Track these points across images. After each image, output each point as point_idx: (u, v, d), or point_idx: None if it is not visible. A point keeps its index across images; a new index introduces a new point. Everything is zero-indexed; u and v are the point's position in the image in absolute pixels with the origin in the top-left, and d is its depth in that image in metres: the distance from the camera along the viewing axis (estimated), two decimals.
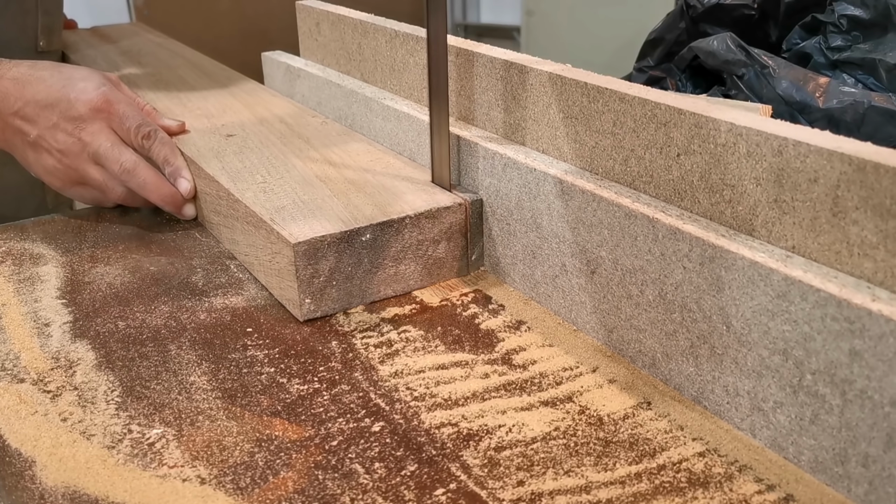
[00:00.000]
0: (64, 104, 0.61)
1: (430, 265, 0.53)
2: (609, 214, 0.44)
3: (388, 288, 0.51)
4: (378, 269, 0.50)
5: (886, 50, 0.81)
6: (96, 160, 0.61)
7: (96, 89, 0.62)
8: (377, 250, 0.50)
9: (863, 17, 0.83)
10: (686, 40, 0.95)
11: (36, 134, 0.61)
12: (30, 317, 0.50)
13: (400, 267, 0.51)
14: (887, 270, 0.33)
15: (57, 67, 0.63)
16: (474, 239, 0.54)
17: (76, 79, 0.62)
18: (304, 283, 0.48)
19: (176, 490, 0.35)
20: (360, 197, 0.53)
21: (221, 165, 0.60)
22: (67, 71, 0.63)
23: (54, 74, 0.62)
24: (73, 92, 0.61)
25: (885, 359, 0.32)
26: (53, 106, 0.61)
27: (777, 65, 0.83)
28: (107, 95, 0.62)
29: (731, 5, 0.92)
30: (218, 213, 0.59)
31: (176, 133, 0.67)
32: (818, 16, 0.86)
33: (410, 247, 0.51)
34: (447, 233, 0.53)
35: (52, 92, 0.61)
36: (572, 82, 0.47)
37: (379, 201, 0.52)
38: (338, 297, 0.49)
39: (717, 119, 0.39)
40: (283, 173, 0.58)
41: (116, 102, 0.62)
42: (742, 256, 0.37)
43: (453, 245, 0.53)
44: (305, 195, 0.54)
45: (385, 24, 0.65)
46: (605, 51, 1.93)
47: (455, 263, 0.54)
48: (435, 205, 0.52)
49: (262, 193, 0.54)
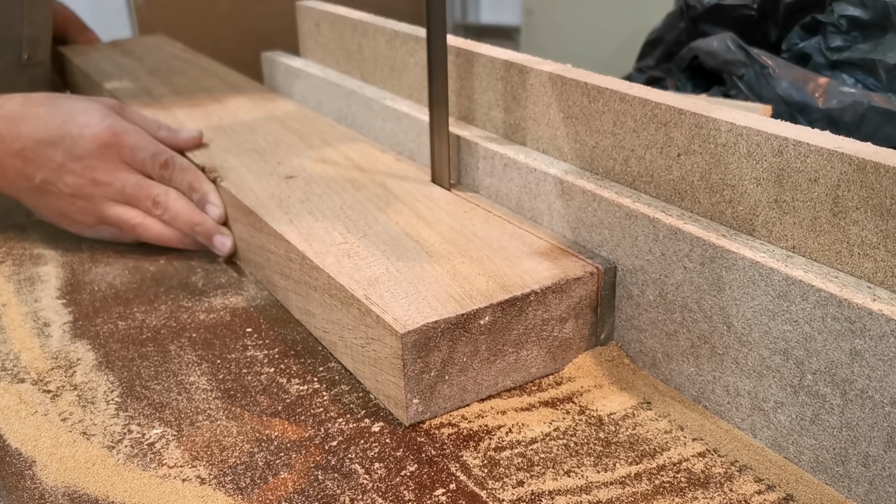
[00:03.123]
0: (67, 142, 0.55)
1: (554, 348, 0.44)
2: (609, 214, 0.44)
3: (506, 378, 0.42)
4: (497, 358, 0.41)
5: (886, 50, 0.81)
6: (124, 200, 0.57)
7: (101, 122, 0.56)
8: (496, 335, 0.41)
9: (862, 18, 0.83)
10: (686, 40, 0.95)
11: (41, 178, 0.56)
12: (30, 317, 0.50)
13: (521, 353, 0.42)
14: (887, 270, 0.33)
15: (53, 100, 0.58)
16: (605, 314, 0.45)
17: (76, 112, 0.57)
18: (412, 379, 0.39)
19: (176, 490, 0.35)
20: (466, 263, 0.44)
21: (289, 218, 0.51)
22: (65, 104, 0.58)
23: (51, 110, 0.57)
24: (75, 127, 0.56)
25: (885, 358, 0.32)
26: (56, 144, 0.55)
27: (777, 65, 0.83)
28: (113, 128, 0.56)
29: (731, 5, 0.92)
30: (287, 277, 0.50)
31: (195, 146, 0.63)
32: (818, 16, 0.87)
33: (534, 328, 0.42)
34: (576, 309, 0.44)
35: (52, 129, 0.55)
36: (572, 82, 0.47)
37: (491, 270, 0.43)
38: (450, 394, 0.40)
39: (717, 119, 0.39)
40: (364, 230, 0.49)
41: (124, 133, 0.57)
42: (743, 256, 0.37)
43: (582, 323, 0.44)
44: (399, 261, 0.44)
45: (385, 24, 0.65)
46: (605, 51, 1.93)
47: (583, 343, 0.45)
48: (563, 276, 0.42)
49: (345, 258, 0.45)
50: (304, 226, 0.50)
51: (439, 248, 0.46)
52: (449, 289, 0.41)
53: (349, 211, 0.52)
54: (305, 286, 0.47)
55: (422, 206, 0.52)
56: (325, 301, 0.45)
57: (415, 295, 0.41)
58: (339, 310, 0.43)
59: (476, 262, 0.44)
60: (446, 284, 0.42)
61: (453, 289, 0.41)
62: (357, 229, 0.49)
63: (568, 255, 0.45)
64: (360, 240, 0.47)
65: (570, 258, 0.45)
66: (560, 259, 0.44)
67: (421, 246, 0.46)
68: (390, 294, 0.41)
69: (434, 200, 0.53)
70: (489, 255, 0.45)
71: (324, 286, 0.44)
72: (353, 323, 0.42)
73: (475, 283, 0.42)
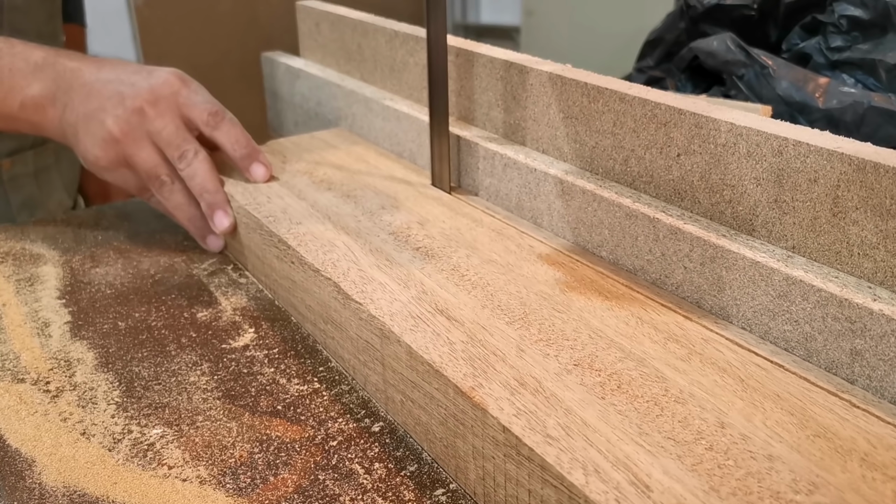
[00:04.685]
0: (143, 73, 0.56)
1: None
2: (609, 215, 0.44)
3: None
4: None
5: (886, 50, 0.81)
6: (158, 142, 0.55)
7: (173, 71, 0.57)
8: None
9: (863, 18, 0.83)
10: (686, 40, 0.95)
11: (100, 103, 0.55)
12: (30, 317, 0.50)
13: None
14: (887, 270, 0.33)
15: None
16: None
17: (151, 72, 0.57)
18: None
19: (176, 490, 0.35)
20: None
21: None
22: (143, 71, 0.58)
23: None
24: (147, 69, 0.57)
25: (886, 358, 0.32)
26: (135, 73, 0.56)
27: (777, 65, 0.83)
28: (181, 74, 0.57)
29: (731, 5, 0.92)
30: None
31: (263, 180, 0.57)
32: (818, 16, 0.86)
33: None
34: None
35: (130, 66, 0.57)
36: (572, 82, 0.47)
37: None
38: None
39: (717, 119, 0.39)
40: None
41: (191, 80, 0.57)
42: (743, 256, 0.37)
43: None
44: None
45: (385, 24, 0.65)
46: (605, 51, 1.93)
47: None
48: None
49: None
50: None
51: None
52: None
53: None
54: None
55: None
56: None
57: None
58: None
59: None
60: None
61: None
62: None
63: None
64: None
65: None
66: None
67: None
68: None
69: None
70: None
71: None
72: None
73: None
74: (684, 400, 0.33)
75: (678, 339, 0.37)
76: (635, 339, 0.37)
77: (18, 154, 0.78)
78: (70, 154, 0.64)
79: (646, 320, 0.39)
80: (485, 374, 0.34)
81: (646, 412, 0.32)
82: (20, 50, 0.57)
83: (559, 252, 0.47)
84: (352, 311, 0.41)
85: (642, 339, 0.37)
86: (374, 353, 0.40)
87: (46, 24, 0.79)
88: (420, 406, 0.37)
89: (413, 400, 0.38)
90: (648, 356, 0.36)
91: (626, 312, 0.40)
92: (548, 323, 0.39)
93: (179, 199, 0.56)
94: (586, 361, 0.35)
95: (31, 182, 0.80)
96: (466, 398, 0.33)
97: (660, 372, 0.35)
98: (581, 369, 0.35)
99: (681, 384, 0.34)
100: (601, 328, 0.38)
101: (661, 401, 0.33)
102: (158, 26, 2.00)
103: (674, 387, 0.34)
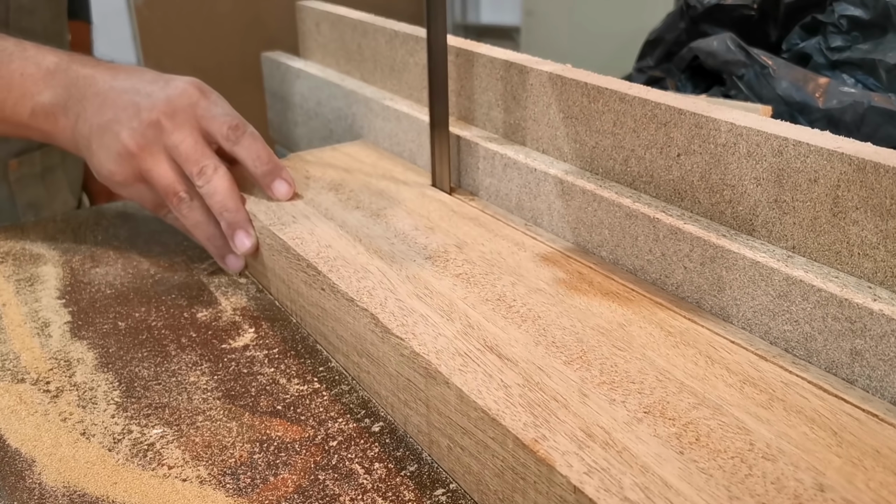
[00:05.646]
0: (160, 83, 0.54)
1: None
2: (610, 215, 0.44)
3: None
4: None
5: (886, 50, 0.81)
6: (176, 157, 0.53)
7: (190, 80, 0.54)
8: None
9: (863, 18, 0.83)
10: (686, 40, 0.95)
11: (114, 114, 0.53)
12: (30, 317, 0.50)
13: None
14: (887, 270, 0.33)
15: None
16: None
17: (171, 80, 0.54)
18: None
19: (176, 490, 0.35)
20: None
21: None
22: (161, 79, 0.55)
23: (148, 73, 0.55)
24: (164, 79, 0.54)
25: (886, 358, 0.32)
26: (152, 83, 0.54)
27: (777, 65, 0.83)
28: (200, 84, 0.54)
29: (731, 5, 0.92)
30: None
31: (288, 192, 0.54)
32: (818, 16, 0.86)
33: None
34: None
35: (147, 74, 0.54)
36: (572, 82, 0.47)
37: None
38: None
39: (717, 119, 0.39)
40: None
41: (210, 91, 0.54)
42: (743, 256, 0.37)
43: None
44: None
45: (385, 24, 0.65)
46: (605, 51, 1.93)
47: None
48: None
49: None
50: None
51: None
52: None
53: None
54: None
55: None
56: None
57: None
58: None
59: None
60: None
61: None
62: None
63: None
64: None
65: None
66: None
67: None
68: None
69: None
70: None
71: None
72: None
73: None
74: (774, 456, 0.29)
75: (755, 383, 0.34)
76: (707, 382, 0.34)
77: (25, 154, 0.78)
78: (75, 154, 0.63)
79: (716, 360, 0.36)
80: (547, 423, 0.31)
81: (732, 471, 0.28)
82: (32, 54, 0.55)
83: (616, 283, 0.42)
84: (391, 347, 0.38)
85: (715, 382, 0.34)
86: (418, 392, 0.37)
87: (52, 24, 0.79)
88: (471, 454, 0.34)
89: (463, 447, 0.34)
90: (725, 402, 0.32)
91: (693, 350, 0.36)
92: (609, 362, 0.35)
93: (198, 217, 0.54)
94: (657, 408, 0.32)
95: (38, 182, 0.80)
96: (529, 451, 0.30)
97: (741, 422, 0.31)
98: (652, 417, 0.31)
99: (767, 437, 0.30)
100: (668, 368, 0.35)
101: (747, 457, 0.29)
102: (158, 26, 2.00)
103: (759, 440, 0.30)
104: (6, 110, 0.54)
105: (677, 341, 0.37)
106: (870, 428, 0.31)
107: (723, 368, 0.35)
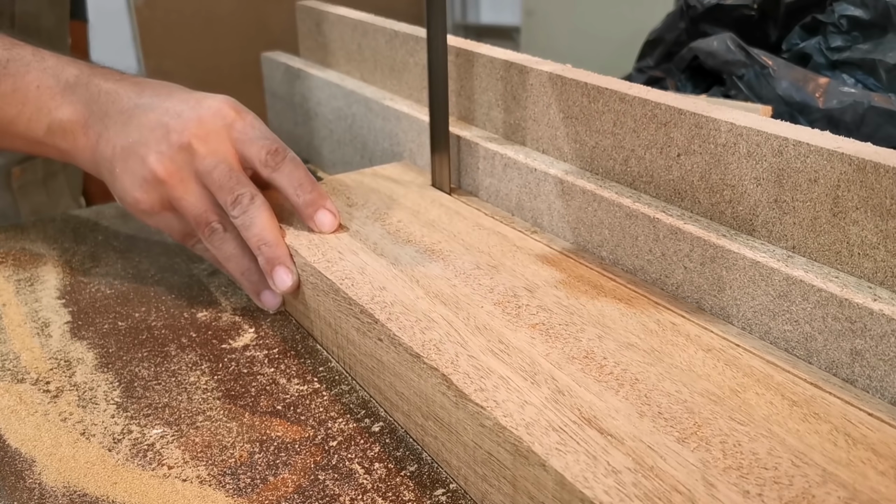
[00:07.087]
0: (191, 102, 0.49)
1: None
2: (610, 215, 0.44)
3: None
4: None
5: (886, 50, 0.81)
6: (208, 184, 0.48)
7: (225, 99, 0.50)
8: None
9: (863, 18, 0.83)
10: (686, 40, 0.95)
11: (139, 135, 0.48)
12: (30, 317, 0.50)
13: None
14: (887, 270, 0.33)
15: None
16: None
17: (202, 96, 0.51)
18: None
19: (176, 490, 0.35)
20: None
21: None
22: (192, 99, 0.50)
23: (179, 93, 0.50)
24: (196, 97, 0.50)
25: (886, 358, 0.32)
26: (182, 103, 0.49)
27: (777, 65, 0.83)
28: (235, 103, 0.50)
29: (731, 5, 0.92)
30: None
31: (332, 220, 0.49)
32: (818, 16, 0.86)
33: None
34: None
35: (177, 93, 0.50)
36: (572, 82, 0.47)
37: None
38: None
39: (717, 119, 0.39)
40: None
41: (246, 111, 0.50)
42: (743, 256, 0.37)
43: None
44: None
45: (385, 24, 0.65)
46: (605, 51, 1.93)
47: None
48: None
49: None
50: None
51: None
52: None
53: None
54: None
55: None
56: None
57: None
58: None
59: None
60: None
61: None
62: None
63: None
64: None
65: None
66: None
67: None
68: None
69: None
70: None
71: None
72: None
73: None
74: None
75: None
76: (855, 469, 0.28)
77: (28, 162, 0.78)
78: None
79: (857, 438, 0.30)
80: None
81: None
82: (51, 64, 0.51)
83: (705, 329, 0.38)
84: (469, 414, 0.33)
85: (865, 470, 0.28)
86: (502, 470, 0.32)
87: (56, 28, 0.79)
88: None
89: None
90: (884, 498, 0.27)
91: (828, 426, 0.31)
92: (731, 440, 0.30)
93: (231, 250, 0.49)
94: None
95: (41, 189, 0.80)
96: None
97: None
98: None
99: None
100: (803, 450, 0.29)
101: None
102: (158, 26, 2.00)
103: None
104: (20, 125, 0.50)
105: (805, 413, 0.31)
106: None
107: (868, 450, 0.29)
